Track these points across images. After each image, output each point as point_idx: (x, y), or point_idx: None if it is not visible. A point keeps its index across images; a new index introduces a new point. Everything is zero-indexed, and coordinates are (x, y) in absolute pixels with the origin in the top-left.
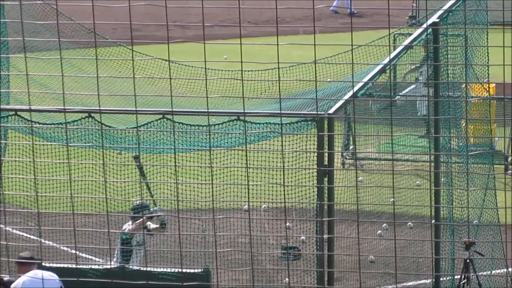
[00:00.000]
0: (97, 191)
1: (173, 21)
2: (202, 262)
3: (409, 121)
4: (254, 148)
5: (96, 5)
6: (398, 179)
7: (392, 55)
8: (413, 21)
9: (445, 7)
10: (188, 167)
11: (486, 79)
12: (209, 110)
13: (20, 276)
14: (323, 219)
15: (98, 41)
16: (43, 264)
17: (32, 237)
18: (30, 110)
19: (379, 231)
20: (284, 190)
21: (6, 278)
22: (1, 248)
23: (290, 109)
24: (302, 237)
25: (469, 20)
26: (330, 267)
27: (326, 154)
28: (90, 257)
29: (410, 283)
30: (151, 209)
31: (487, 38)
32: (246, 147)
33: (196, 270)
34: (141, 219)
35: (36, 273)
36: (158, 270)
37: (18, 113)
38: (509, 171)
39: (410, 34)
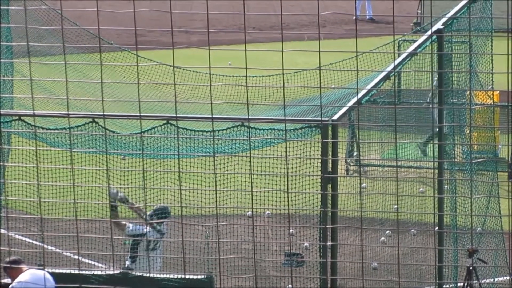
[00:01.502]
0: (101, 197)
1: (177, 27)
2: (205, 269)
3: (413, 128)
4: (258, 154)
5: (101, 10)
6: (402, 186)
7: (397, 61)
8: (418, 28)
9: (450, 14)
10: (192, 173)
11: (490, 87)
12: (213, 116)
13: (12, 282)
14: (327, 226)
15: (102, 46)
16: (45, 270)
17: (34, 242)
18: (33, 115)
19: (382, 238)
20: (287, 197)
21: (4, 281)
22: (3, 253)
23: (294, 115)
24: (305, 244)
25: (474, 27)
26: (333, 274)
27: (330, 161)
28: (93, 262)
29: None
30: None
31: (491, 46)
32: (250, 153)
33: (199, 277)
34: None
35: (35, 271)
36: (161, 276)
37: (22, 118)
38: None
39: (414, 41)
